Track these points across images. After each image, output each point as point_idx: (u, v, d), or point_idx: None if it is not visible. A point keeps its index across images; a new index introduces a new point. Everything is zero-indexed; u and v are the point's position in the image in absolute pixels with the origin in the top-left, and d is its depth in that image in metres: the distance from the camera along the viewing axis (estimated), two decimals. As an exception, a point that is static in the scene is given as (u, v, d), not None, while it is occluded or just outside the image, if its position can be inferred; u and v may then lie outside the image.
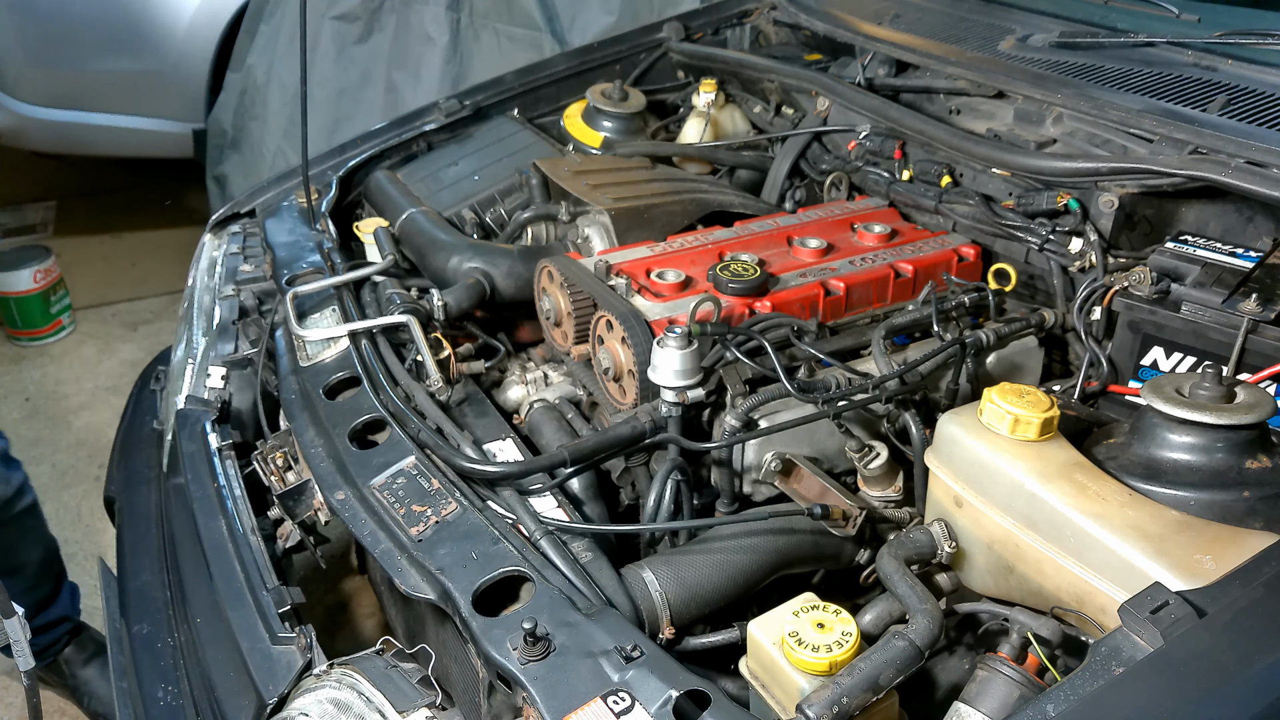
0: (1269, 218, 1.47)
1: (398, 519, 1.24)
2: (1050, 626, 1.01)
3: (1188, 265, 1.43)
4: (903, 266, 1.63)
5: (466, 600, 1.10)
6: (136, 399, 2.14)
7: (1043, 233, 1.62)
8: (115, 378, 3.67)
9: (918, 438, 1.34)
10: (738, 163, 2.17)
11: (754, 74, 2.31)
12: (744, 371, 1.40)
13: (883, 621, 1.08)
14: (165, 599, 1.59)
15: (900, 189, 1.86)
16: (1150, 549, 1.01)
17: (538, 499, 1.28)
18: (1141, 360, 1.46)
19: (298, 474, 1.45)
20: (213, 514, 1.49)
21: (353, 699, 1.13)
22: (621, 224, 1.81)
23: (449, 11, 4.28)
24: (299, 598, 1.30)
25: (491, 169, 2.15)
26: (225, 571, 1.39)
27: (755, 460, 1.38)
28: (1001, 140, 1.77)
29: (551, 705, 0.96)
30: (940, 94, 1.96)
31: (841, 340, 1.50)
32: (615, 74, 2.39)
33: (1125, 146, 1.62)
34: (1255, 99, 1.57)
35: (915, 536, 1.20)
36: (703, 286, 1.54)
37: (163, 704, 1.43)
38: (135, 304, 4.19)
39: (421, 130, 2.25)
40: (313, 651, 1.22)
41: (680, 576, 1.20)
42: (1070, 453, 1.15)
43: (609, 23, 3.83)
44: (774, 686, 1.03)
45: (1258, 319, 1.31)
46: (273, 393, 1.64)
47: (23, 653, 1.32)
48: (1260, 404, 1.13)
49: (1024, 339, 1.56)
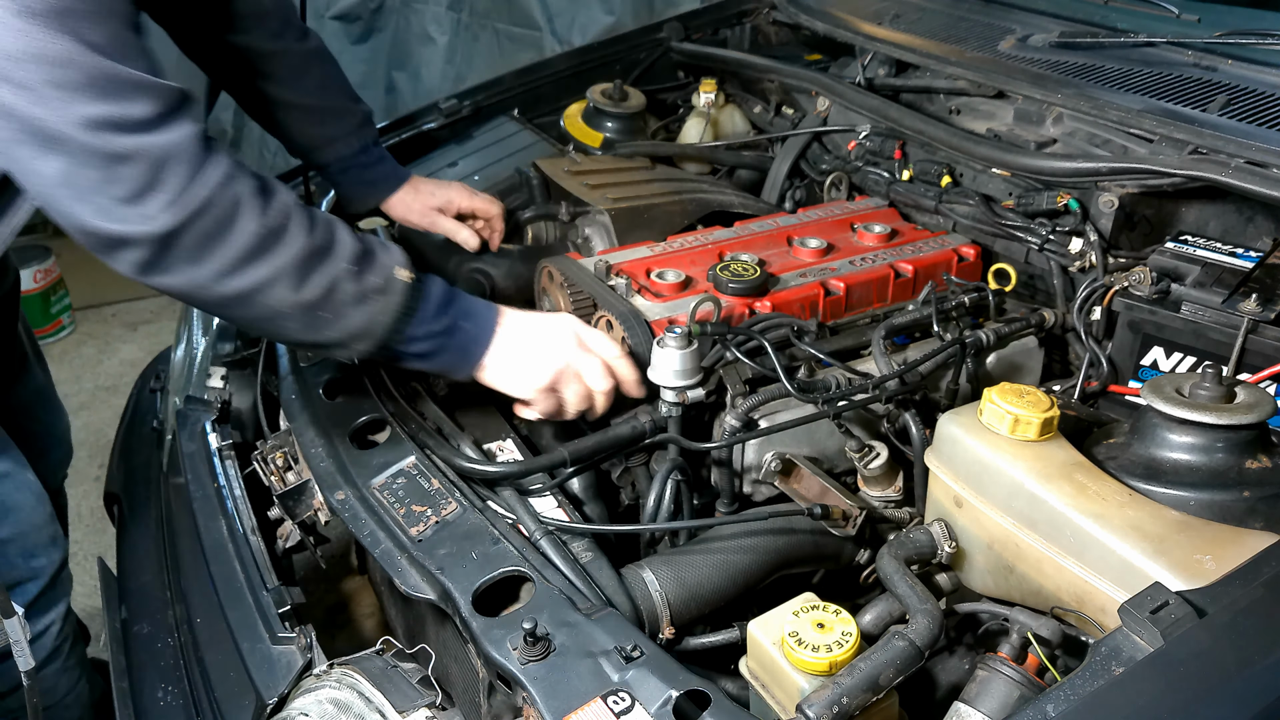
0: (1269, 218, 1.47)
1: (398, 519, 1.24)
2: (1050, 626, 1.01)
3: (1188, 265, 1.43)
4: (903, 266, 1.63)
5: (466, 600, 1.10)
6: (136, 399, 2.14)
7: (1043, 233, 1.62)
8: (115, 378, 3.67)
9: (918, 438, 1.34)
10: (738, 163, 2.17)
11: (754, 74, 2.31)
12: (744, 371, 1.40)
13: (883, 621, 1.08)
14: (165, 599, 1.59)
15: (900, 189, 1.86)
16: (1150, 549, 1.01)
17: (538, 499, 1.28)
18: (1141, 360, 1.46)
19: (298, 474, 1.45)
20: (213, 514, 1.49)
21: (353, 699, 1.13)
22: (621, 224, 1.81)
23: (449, 11, 4.28)
24: (299, 598, 1.30)
25: (491, 169, 2.15)
26: (225, 571, 1.39)
27: (755, 460, 1.38)
28: (1001, 140, 1.77)
29: (551, 705, 0.96)
30: (940, 94, 1.96)
31: (841, 340, 1.50)
32: (615, 74, 2.38)
33: (1125, 146, 1.62)
34: (1255, 99, 1.57)
35: (915, 536, 1.20)
36: (703, 286, 1.54)
37: (163, 704, 1.43)
38: (135, 304, 4.19)
39: (421, 130, 2.25)
40: (313, 651, 1.22)
41: (680, 576, 1.20)
42: (1070, 453, 1.15)
43: (609, 23, 3.83)
44: (774, 686, 1.03)
45: (1258, 319, 1.31)
46: (273, 393, 1.64)
47: (23, 653, 1.32)
48: (1260, 404, 1.13)
49: (1024, 339, 1.56)
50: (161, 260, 1.08)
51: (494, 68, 3.86)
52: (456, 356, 1.31)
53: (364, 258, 1.20)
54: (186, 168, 1.06)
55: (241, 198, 1.09)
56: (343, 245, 1.19)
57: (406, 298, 1.23)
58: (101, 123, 1.01)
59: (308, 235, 1.14)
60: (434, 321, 1.26)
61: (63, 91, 1.00)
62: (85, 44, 1.00)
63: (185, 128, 1.07)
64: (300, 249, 1.13)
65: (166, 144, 1.05)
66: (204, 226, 1.07)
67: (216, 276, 1.10)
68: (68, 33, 0.99)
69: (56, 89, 1.00)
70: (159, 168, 1.04)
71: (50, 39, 0.99)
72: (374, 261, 1.21)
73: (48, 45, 0.99)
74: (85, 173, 1.03)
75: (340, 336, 1.21)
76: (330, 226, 1.19)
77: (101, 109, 1.01)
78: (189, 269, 1.09)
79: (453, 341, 1.29)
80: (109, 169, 1.03)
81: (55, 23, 0.99)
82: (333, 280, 1.17)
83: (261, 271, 1.12)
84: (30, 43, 0.98)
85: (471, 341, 1.30)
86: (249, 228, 1.10)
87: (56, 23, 0.99)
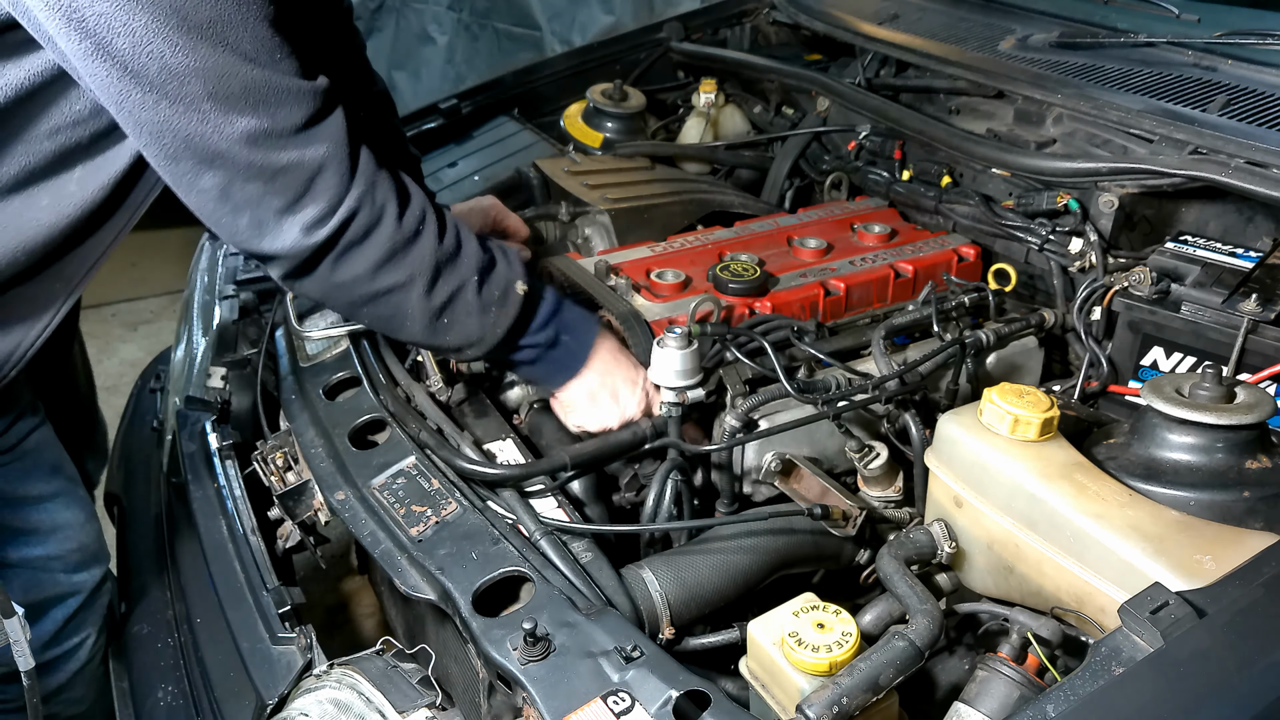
0: (1269, 218, 1.47)
1: (398, 519, 1.24)
2: (1050, 626, 1.01)
3: (1188, 265, 1.43)
4: (903, 267, 1.63)
5: (466, 600, 1.10)
6: (136, 399, 2.14)
7: (1043, 233, 1.62)
8: (115, 378, 3.67)
9: (918, 438, 1.34)
10: (738, 163, 2.17)
11: (754, 74, 2.31)
12: (744, 372, 1.40)
13: (883, 621, 1.08)
14: (165, 599, 1.59)
15: (900, 189, 1.86)
16: (1150, 549, 1.01)
17: (538, 499, 1.28)
18: (1141, 360, 1.46)
19: (298, 474, 1.45)
20: (213, 514, 1.49)
21: (353, 699, 1.13)
22: (621, 224, 1.81)
23: (449, 11, 4.28)
24: (299, 598, 1.30)
25: (491, 169, 2.15)
26: (225, 571, 1.39)
27: (755, 461, 1.38)
28: (1001, 140, 1.76)
29: (551, 705, 0.96)
30: (940, 94, 1.96)
31: (841, 340, 1.49)
32: (615, 74, 2.38)
33: (1125, 146, 1.62)
34: (1255, 99, 1.57)
35: (915, 536, 1.20)
36: (703, 286, 1.54)
37: (163, 704, 1.43)
38: (135, 304, 4.19)
39: (421, 130, 2.25)
40: (313, 651, 1.22)
41: (680, 577, 1.20)
42: (1070, 453, 1.15)
43: (609, 23, 3.83)
44: (774, 686, 1.03)
45: (1258, 319, 1.31)
46: (273, 393, 1.64)
47: (23, 653, 1.32)
48: (1260, 404, 1.13)
49: (1024, 339, 1.56)
50: (307, 268, 1.10)
51: (494, 68, 3.86)
52: (553, 368, 1.34)
53: (489, 268, 1.22)
54: (337, 177, 1.06)
55: (385, 204, 1.10)
56: (470, 253, 1.20)
57: (520, 309, 1.25)
58: (260, 136, 1.02)
59: (438, 241, 1.15)
60: (539, 333, 1.29)
61: (222, 106, 1.00)
62: (240, 55, 1.00)
63: (332, 129, 1.08)
64: (431, 255, 1.14)
65: (319, 154, 1.05)
66: (350, 235, 1.08)
67: (354, 281, 1.12)
68: (224, 44, 0.99)
69: (216, 103, 1.00)
70: (313, 177, 1.05)
71: (210, 52, 0.98)
72: (496, 272, 1.23)
73: (208, 59, 0.98)
74: (246, 187, 1.03)
75: (457, 342, 1.24)
76: (459, 232, 1.20)
77: (259, 122, 1.01)
78: (330, 274, 1.11)
79: (552, 354, 1.32)
80: (269, 183, 1.03)
81: (212, 34, 0.99)
82: (458, 288, 1.18)
83: (395, 276, 1.13)
84: (193, 58, 0.98)
85: (569, 357, 1.34)
86: (387, 233, 1.10)
87: (214, 34, 0.99)
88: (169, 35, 0.97)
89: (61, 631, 1.58)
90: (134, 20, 0.96)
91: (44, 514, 1.51)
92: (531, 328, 1.28)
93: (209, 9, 0.98)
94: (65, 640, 1.60)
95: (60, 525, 1.54)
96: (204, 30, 0.98)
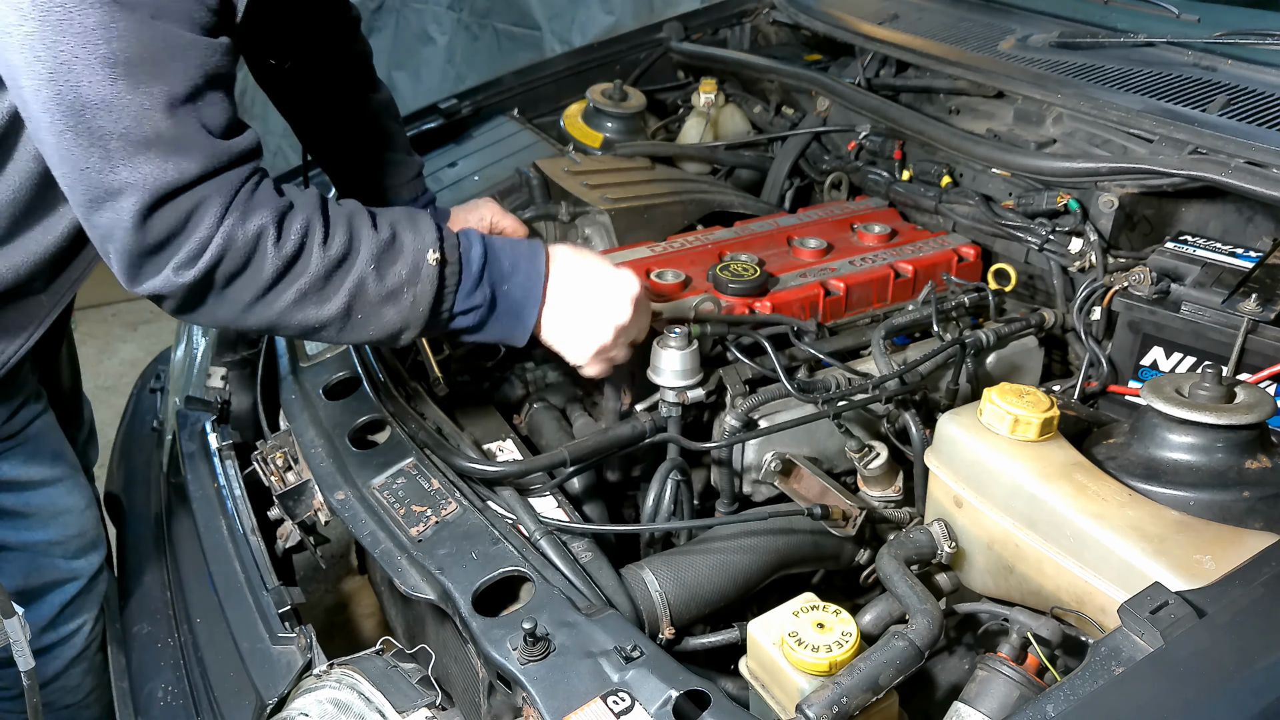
0: (1269, 218, 1.47)
1: (398, 519, 1.24)
2: (1050, 626, 1.01)
3: (1188, 265, 1.43)
4: (903, 266, 1.63)
5: (466, 600, 1.10)
6: (136, 399, 2.14)
7: (1043, 233, 1.62)
8: (115, 378, 3.67)
9: (918, 438, 1.34)
10: (738, 163, 2.17)
11: (754, 74, 2.31)
12: (744, 371, 1.40)
13: (883, 621, 1.08)
14: (165, 599, 1.59)
15: (900, 189, 1.86)
16: (1150, 549, 1.01)
17: (538, 499, 1.28)
18: (1141, 360, 1.46)
19: (298, 474, 1.45)
20: (213, 514, 1.49)
21: (353, 699, 1.13)
22: (621, 224, 1.81)
23: (449, 11, 4.29)
24: (299, 598, 1.30)
25: (491, 169, 2.15)
26: (225, 571, 1.40)
27: (755, 460, 1.38)
28: (1001, 140, 1.77)
29: (551, 705, 0.96)
30: (940, 94, 1.96)
31: (841, 340, 1.50)
32: (615, 74, 2.38)
33: (1125, 146, 1.62)
34: (1255, 99, 1.57)
35: (915, 536, 1.20)
36: (703, 286, 1.54)
37: (163, 704, 1.43)
38: (135, 304, 4.18)
39: (421, 130, 2.25)
40: (313, 651, 1.22)
41: (680, 577, 1.20)
42: (1070, 453, 1.15)
43: (609, 23, 3.83)
44: (774, 686, 1.03)
45: (1258, 319, 1.31)
46: (273, 393, 1.64)
47: (23, 653, 1.32)
48: (1260, 404, 1.13)
49: (1024, 339, 1.56)
50: (191, 303, 1.09)
51: (494, 68, 3.86)
52: (507, 324, 1.24)
53: (386, 251, 1.15)
54: (210, 217, 1.05)
55: (262, 229, 1.07)
56: (362, 247, 1.15)
57: (438, 282, 1.17)
58: (153, 184, 1.01)
59: (323, 250, 1.12)
60: (472, 295, 1.20)
61: (129, 147, 0.99)
62: (162, 101, 0.99)
63: (227, 179, 1.06)
64: (317, 266, 1.11)
65: (200, 197, 1.04)
66: (226, 269, 1.07)
67: (243, 309, 1.10)
68: (145, 87, 0.98)
69: (125, 144, 0.99)
70: (185, 222, 1.04)
71: (128, 92, 0.97)
72: (399, 252, 1.16)
73: (126, 98, 0.97)
74: (130, 230, 1.02)
75: (382, 333, 1.18)
76: (350, 228, 1.14)
77: (157, 168, 1.00)
78: (216, 307, 1.10)
79: (498, 312, 1.23)
80: (144, 228, 1.02)
81: (140, 74, 0.98)
82: (356, 285, 1.14)
83: (285, 297, 1.11)
84: (113, 93, 0.97)
85: (518, 307, 1.24)
86: (266, 262, 1.08)
87: (142, 74, 0.98)
88: (94, 66, 0.96)
89: (58, 617, 1.60)
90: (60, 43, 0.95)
91: (46, 499, 1.52)
92: (461, 293, 1.19)
93: (138, 49, 0.97)
94: (62, 626, 1.61)
95: (61, 510, 1.55)
96: (131, 67, 0.97)
